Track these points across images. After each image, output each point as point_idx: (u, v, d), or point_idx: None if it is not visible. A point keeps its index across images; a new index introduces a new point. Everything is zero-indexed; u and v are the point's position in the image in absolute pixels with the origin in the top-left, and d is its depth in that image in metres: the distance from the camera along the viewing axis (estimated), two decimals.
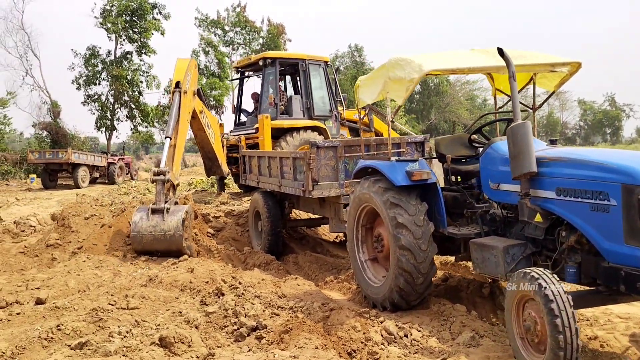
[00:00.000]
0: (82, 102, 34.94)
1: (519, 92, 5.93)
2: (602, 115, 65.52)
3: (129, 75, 33.65)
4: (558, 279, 3.79)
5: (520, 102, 5.87)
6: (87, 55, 34.57)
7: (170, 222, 8.48)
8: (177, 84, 9.91)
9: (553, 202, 4.28)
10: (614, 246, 3.83)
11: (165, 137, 9.68)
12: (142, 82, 34.73)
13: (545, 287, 3.70)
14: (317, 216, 9.24)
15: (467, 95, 57.17)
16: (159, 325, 5.04)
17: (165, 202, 8.88)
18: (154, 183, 9.05)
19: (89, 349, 4.54)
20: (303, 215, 10.59)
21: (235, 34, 43.30)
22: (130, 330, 4.97)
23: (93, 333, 5.04)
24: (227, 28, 42.78)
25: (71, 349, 4.59)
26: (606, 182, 3.86)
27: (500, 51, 4.60)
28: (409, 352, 4.55)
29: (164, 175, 8.85)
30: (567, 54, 5.54)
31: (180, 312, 5.39)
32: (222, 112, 38.60)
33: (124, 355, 4.40)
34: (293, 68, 12.88)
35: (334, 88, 13.07)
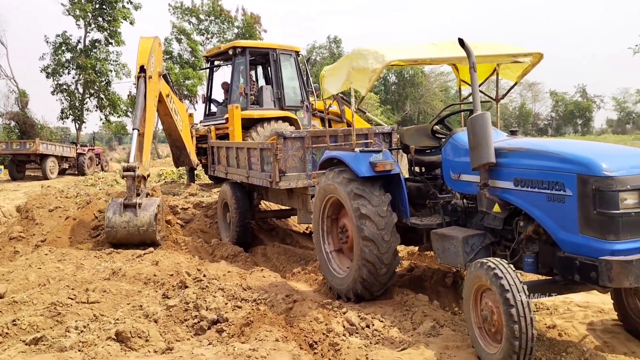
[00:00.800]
0: (51, 92, 34.26)
1: (483, 83, 5.97)
2: (574, 107, 66.51)
3: (97, 64, 32.98)
4: (514, 268, 3.81)
5: (484, 93, 5.90)
6: (58, 44, 33.82)
7: (143, 217, 8.58)
8: (142, 69, 9.69)
9: (511, 192, 4.29)
10: (569, 236, 3.87)
11: (133, 129, 9.51)
12: (111, 71, 34.14)
13: (501, 277, 3.72)
14: (286, 207, 9.20)
15: (442, 86, 57.52)
16: (117, 319, 4.96)
17: (138, 194, 8.87)
18: (124, 178, 8.97)
19: (44, 344, 4.45)
20: (273, 206, 10.53)
21: (210, 23, 42.79)
22: (88, 324, 4.89)
23: (50, 328, 4.94)
24: (202, 17, 42.21)
25: (26, 344, 4.49)
26: (562, 172, 3.88)
27: (461, 42, 4.58)
28: (370, 343, 4.55)
29: (134, 171, 8.79)
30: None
31: (141, 306, 5.31)
32: (196, 102, 38.18)
33: (79, 351, 4.32)
34: (264, 58, 12.75)
35: (305, 78, 12.99)
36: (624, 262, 3.46)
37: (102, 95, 34.44)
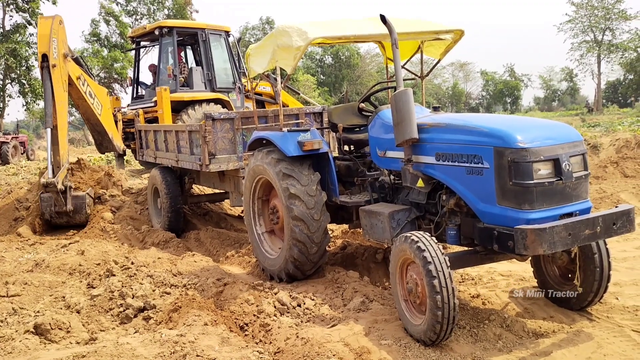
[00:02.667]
0: None
1: (408, 60, 6.04)
2: (503, 86, 68.88)
3: (15, 49, 31.05)
4: (436, 241, 3.89)
5: (408, 70, 5.97)
6: None
7: (79, 218, 9.13)
8: (44, 57, 9.07)
9: (433, 167, 4.37)
10: (487, 207, 3.97)
11: (46, 128, 9.11)
12: (33, 54, 32.27)
13: (424, 250, 3.79)
14: (219, 191, 9.05)
15: (378, 67, 58.13)
16: (38, 312, 4.75)
17: (64, 194, 8.93)
18: (48, 194, 8.93)
19: None
20: (208, 190, 10.34)
21: (139, 4, 41.25)
22: (6, 318, 4.66)
23: None
24: None
25: None
26: (479, 145, 3.98)
27: (383, 18, 4.58)
28: (301, 322, 4.56)
29: (55, 186, 8.72)
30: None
31: (64, 297, 5.10)
32: (127, 86, 36.84)
33: None
34: (192, 38, 12.36)
35: (237, 59, 12.72)
36: (538, 230, 3.58)
37: (23, 81, 32.58)
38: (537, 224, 3.66)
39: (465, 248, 4.59)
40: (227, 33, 12.64)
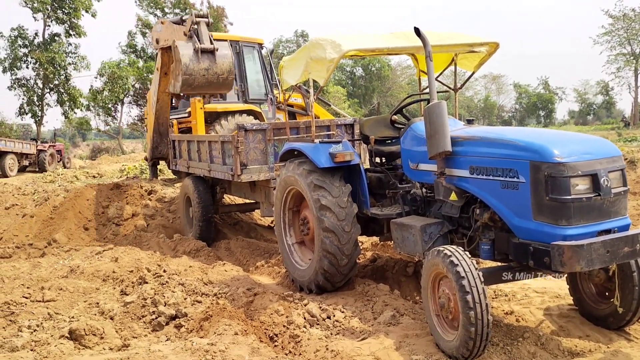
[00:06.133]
0: (8, 87, 33.29)
1: (441, 73, 6.01)
2: (537, 99, 67.86)
3: (55, 58, 32.00)
4: (470, 255, 3.84)
5: (442, 83, 5.94)
6: (13, 37, 32.79)
7: (223, 64, 8.50)
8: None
9: (467, 180, 4.32)
10: (523, 222, 3.91)
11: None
12: (70, 64, 33.18)
13: (457, 264, 3.74)
14: (249, 201, 9.12)
15: (409, 79, 57.99)
16: (72, 317, 4.84)
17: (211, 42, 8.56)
18: (197, 25, 8.63)
19: None
20: (238, 200, 10.43)
21: (175, 16, 42.09)
22: (42, 323, 4.76)
23: (3, 328, 4.80)
24: (167, 10, 41.44)
25: None
26: (515, 159, 3.92)
27: (417, 31, 4.58)
28: (331, 334, 4.54)
29: (207, 17, 8.58)
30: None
31: (97, 304, 5.20)
32: None
33: (31, 350, 4.21)
34: None
35: (269, 71, 12.85)
36: (576, 247, 3.51)
37: (61, 90, 33.51)
38: (574, 241, 3.59)
39: (499, 263, 4.52)
40: (260, 45, 12.78)
